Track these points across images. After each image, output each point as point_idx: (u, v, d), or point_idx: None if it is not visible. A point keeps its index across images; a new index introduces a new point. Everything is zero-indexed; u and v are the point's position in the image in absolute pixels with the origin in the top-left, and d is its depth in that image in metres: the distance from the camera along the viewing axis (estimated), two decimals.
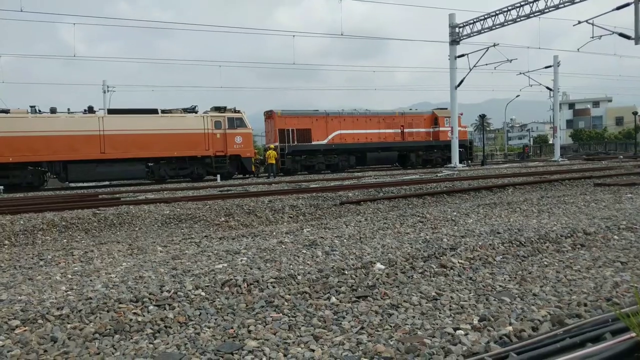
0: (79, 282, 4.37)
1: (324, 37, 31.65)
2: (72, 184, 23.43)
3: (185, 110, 24.41)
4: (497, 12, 26.23)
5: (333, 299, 3.75)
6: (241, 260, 4.94)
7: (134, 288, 3.98)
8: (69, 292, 3.96)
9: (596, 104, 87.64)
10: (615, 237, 5.79)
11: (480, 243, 5.28)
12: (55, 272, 4.84)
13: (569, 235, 5.74)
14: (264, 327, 3.26)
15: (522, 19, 25.16)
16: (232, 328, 3.24)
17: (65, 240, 8.33)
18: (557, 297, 3.65)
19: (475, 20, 27.41)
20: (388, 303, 3.64)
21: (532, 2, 24.47)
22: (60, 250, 6.44)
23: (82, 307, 3.54)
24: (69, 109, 22.47)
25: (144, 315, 3.46)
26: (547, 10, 23.88)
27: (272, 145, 26.98)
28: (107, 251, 6.04)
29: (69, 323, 3.34)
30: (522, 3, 24.97)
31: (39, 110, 21.55)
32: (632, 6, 20.53)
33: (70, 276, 4.66)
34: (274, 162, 26.15)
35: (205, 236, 7.07)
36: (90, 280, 4.39)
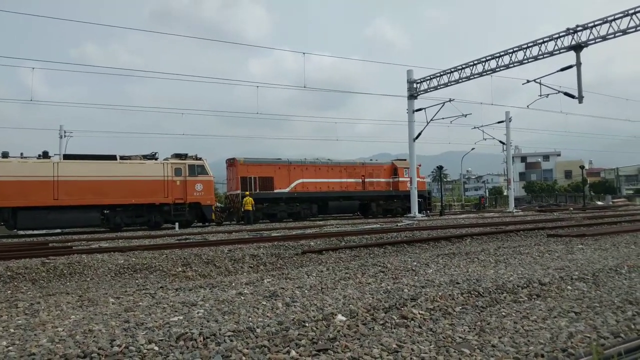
0: (22, 336, 4.09)
1: (291, 88, 32.35)
2: (21, 232, 22.34)
3: (145, 157, 24.08)
4: (452, 70, 27.63)
5: (293, 353, 3.65)
6: (198, 313, 4.77)
7: (82, 342, 3.75)
8: (9, 348, 3.69)
9: (546, 157, 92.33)
10: (569, 287, 5.96)
11: (440, 293, 5.32)
12: None
13: (525, 285, 5.87)
14: None
15: (475, 76, 26.59)
16: None
17: (9, 292, 7.84)
18: (515, 348, 3.69)
19: (432, 76, 28.75)
20: (349, 356, 3.57)
21: (485, 62, 25.98)
22: (4, 302, 6.05)
23: None
24: (21, 154, 21.78)
25: None
26: (499, 69, 25.39)
27: (247, 192, 26.82)
28: (55, 303, 5.71)
29: None
30: (475, 62, 26.48)
31: None
32: (575, 68, 22.10)
33: (12, 330, 4.36)
34: (250, 208, 25.94)
35: (160, 287, 6.82)
36: (35, 335, 4.12)
